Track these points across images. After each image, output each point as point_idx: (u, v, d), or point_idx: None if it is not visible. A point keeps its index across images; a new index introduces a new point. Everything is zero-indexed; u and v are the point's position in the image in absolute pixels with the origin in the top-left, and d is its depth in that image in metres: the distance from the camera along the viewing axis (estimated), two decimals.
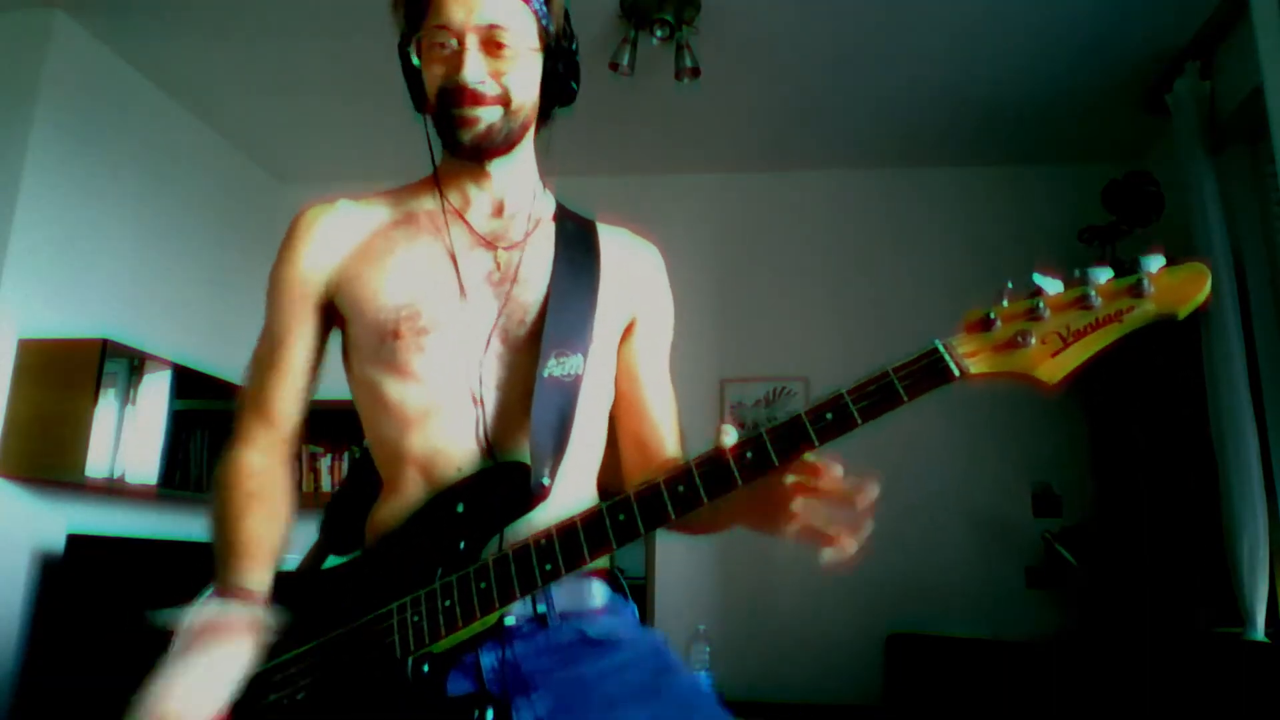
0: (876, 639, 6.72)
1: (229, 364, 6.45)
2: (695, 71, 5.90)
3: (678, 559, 7.26)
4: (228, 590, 1.96)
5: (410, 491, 2.13)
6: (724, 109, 6.98)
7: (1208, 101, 5.83)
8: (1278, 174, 4.63)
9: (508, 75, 2.15)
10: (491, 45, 2.12)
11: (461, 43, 2.10)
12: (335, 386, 2.44)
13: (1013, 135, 7.29)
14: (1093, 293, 1.74)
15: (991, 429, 7.23)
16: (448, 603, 1.94)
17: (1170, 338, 5.76)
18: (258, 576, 2.01)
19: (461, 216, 2.30)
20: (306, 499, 6.94)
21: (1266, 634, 5.14)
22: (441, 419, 2.14)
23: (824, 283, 7.72)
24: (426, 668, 1.93)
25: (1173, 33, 5.84)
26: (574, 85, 2.37)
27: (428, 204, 2.34)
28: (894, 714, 6.17)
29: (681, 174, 7.98)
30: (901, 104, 6.89)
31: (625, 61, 5.85)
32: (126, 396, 5.94)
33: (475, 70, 2.10)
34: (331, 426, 6.76)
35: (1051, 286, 1.78)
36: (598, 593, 2.20)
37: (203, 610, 1.90)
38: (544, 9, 2.22)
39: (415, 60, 2.20)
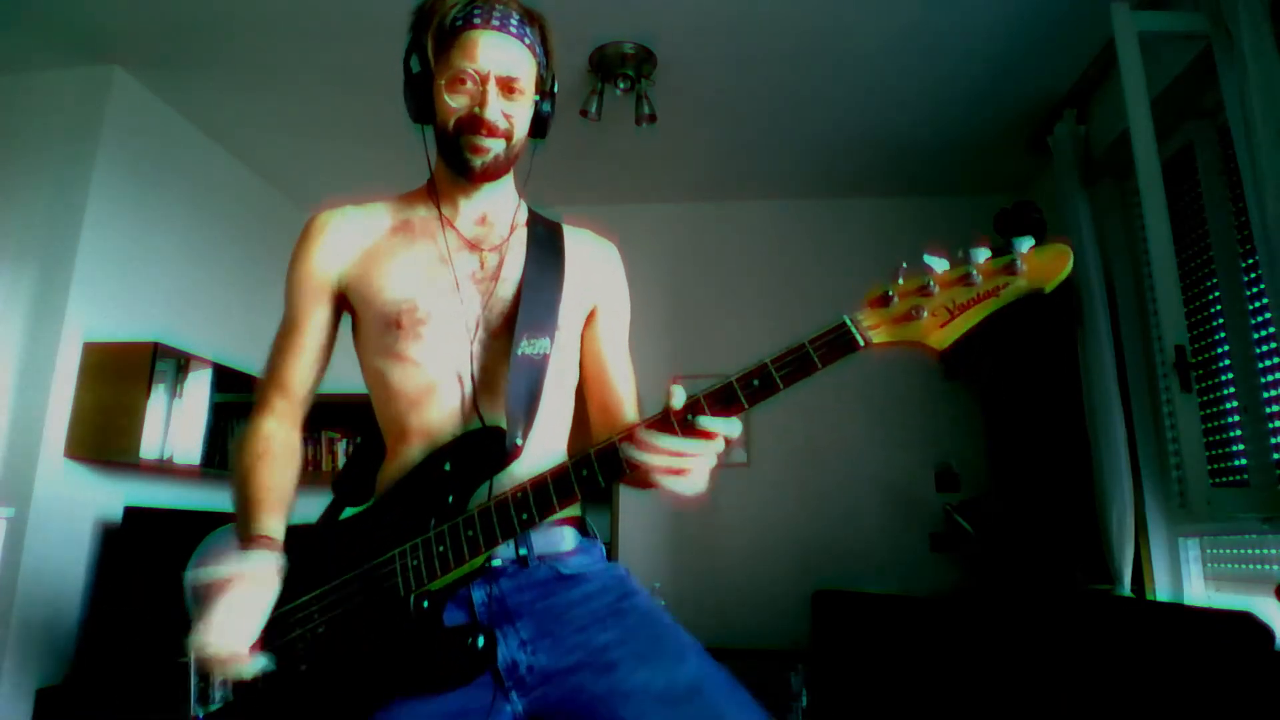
0: (805, 594, 6.57)
1: (260, 363, 6.37)
2: (652, 118, 5.81)
3: (637, 527, 7.12)
4: (248, 539, 1.98)
5: (410, 455, 2.14)
6: (676, 149, 6.88)
7: (1083, 143, 5.75)
8: (1141, 204, 4.61)
9: (515, 115, 2.18)
10: (507, 89, 2.13)
11: (485, 83, 2.11)
12: (350, 382, 2.48)
13: (919, 171, 7.20)
14: (974, 271, 1.73)
15: (902, 417, 7.14)
16: (441, 548, 1.96)
17: (1052, 341, 5.75)
18: (271, 523, 2.03)
19: (451, 224, 2.29)
20: (324, 477, 6.97)
21: (1131, 590, 5.11)
22: (437, 395, 2.14)
23: (760, 295, 7.60)
24: (426, 604, 1.96)
25: (1053, 85, 5.78)
26: (550, 122, 2.36)
27: (421, 212, 2.32)
28: (820, 657, 6.12)
29: (641, 204, 7.88)
30: (826, 145, 6.79)
31: (594, 109, 5.76)
32: (174, 390, 5.84)
33: (495, 108, 2.11)
34: (345, 416, 6.76)
35: (939, 266, 1.76)
36: (569, 538, 2.21)
37: (234, 563, 1.90)
38: (544, 60, 2.26)
39: (415, 68, 2.20)
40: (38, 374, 5.31)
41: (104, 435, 5.44)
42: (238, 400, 6.31)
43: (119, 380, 5.49)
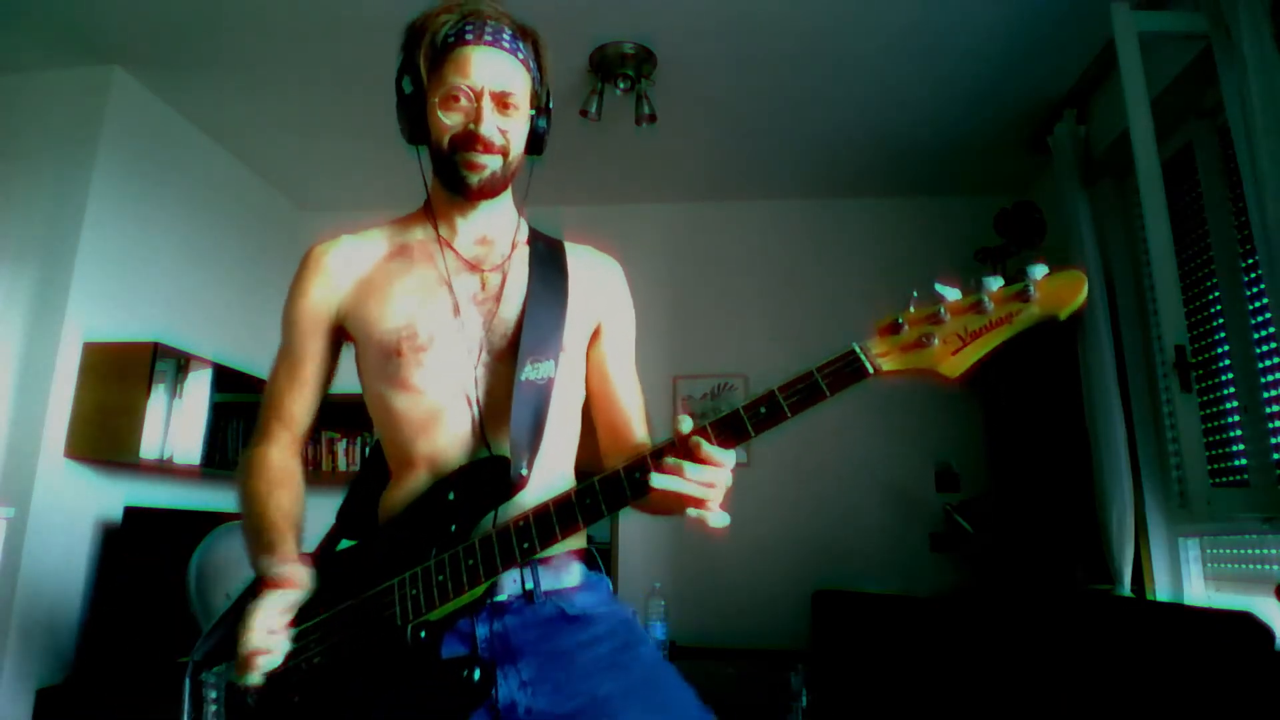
0: (805, 594, 6.58)
1: (260, 364, 6.39)
2: (652, 118, 5.80)
3: (638, 527, 7.12)
4: (276, 558, 1.96)
5: (414, 482, 2.11)
6: (676, 149, 6.88)
7: (1083, 143, 5.75)
8: (1141, 204, 4.62)
9: (510, 131, 2.15)
10: (502, 104, 2.11)
11: (478, 99, 2.08)
12: (349, 382, 2.41)
13: (920, 171, 7.19)
14: (986, 299, 1.71)
15: (901, 417, 7.11)
16: (441, 578, 1.92)
17: (1052, 341, 5.73)
18: (292, 545, 2.02)
19: (450, 245, 2.25)
20: (324, 476, 7.00)
21: (1131, 590, 5.10)
22: (441, 422, 2.11)
23: (760, 295, 7.62)
24: (424, 634, 1.91)
25: (1053, 85, 5.78)
26: (546, 138, 2.32)
27: (418, 234, 2.29)
28: (820, 657, 6.12)
29: (641, 204, 7.88)
30: (826, 145, 6.79)
31: (593, 109, 5.74)
32: (174, 390, 5.86)
33: (490, 123, 2.09)
34: (345, 416, 6.91)
35: (951, 294, 1.75)
36: (576, 572, 2.17)
37: (270, 570, 1.93)
38: (538, 75, 2.22)
39: (407, 88, 2.18)
40: (38, 374, 5.32)
41: (104, 435, 5.44)
42: (238, 400, 6.33)
43: (119, 380, 5.49)
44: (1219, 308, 4.70)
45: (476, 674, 1.88)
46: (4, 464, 5.18)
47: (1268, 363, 4.36)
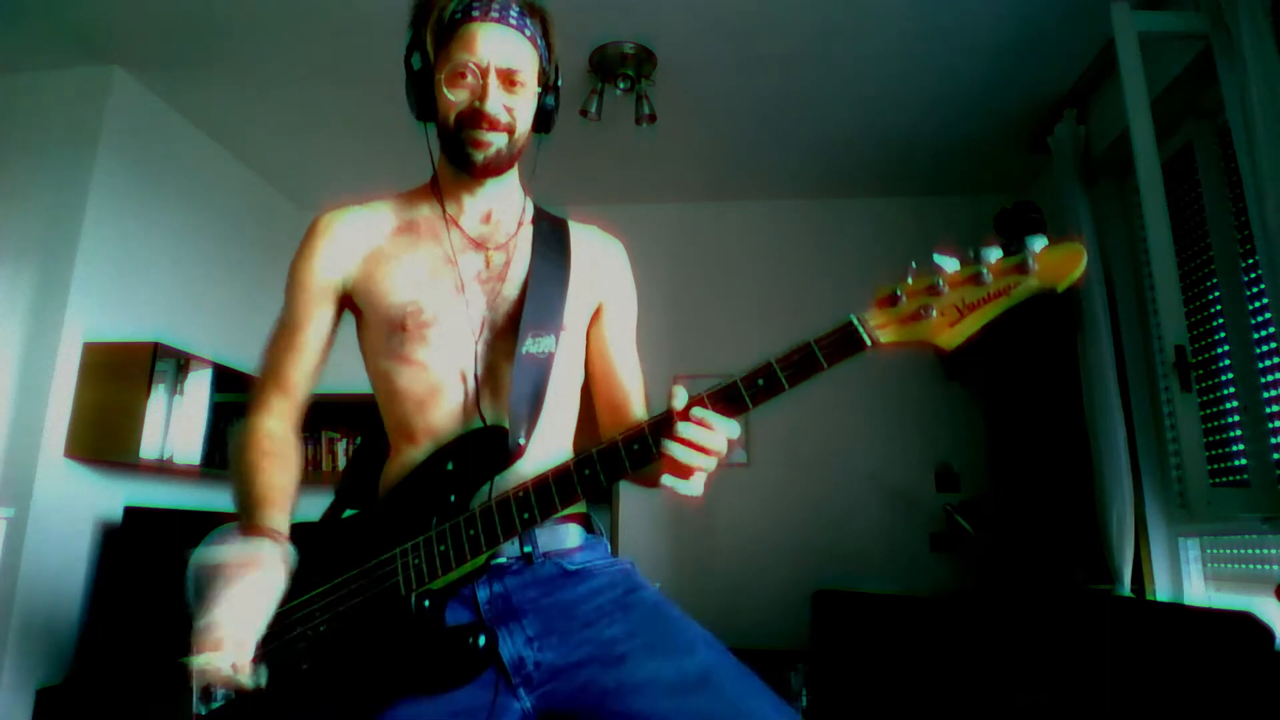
0: (805, 594, 6.57)
1: (259, 362, 6.39)
2: (652, 118, 5.80)
3: (638, 527, 7.13)
4: (254, 530, 1.91)
5: (414, 455, 2.12)
6: (676, 149, 6.88)
7: (1083, 143, 5.74)
8: (1141, 204, 4.61)
9: (517, 108, 2.14)
10: (508, 81, 2.10)
11: (485, 76, 2.07)
12: (350, 382, 2.45)
13: (919, 171, 7.19)
14: (984, 270, 1.71)
15: (901, 417, 7.13)
16: (442, 547, 1.94)
17: (1052, 341, 5.73)
18: (279, 518, 1.97)
19: (456, 223, 2.26)
20: (324, 476, 6.99)
21: (1131, 590, 5.09)
22: (442, 396, 2.12)
23: (760, 295, 7.61)
24: (427, 603, 1.94)
25: (1054, 85, 5.78)
26: (554, 116, 2.31)
27: (425, 210, 2.29)
28: (820, 657, 6.12)
29: (641, 204, 7.87)
30: (825, 145, 6.79)
31: (594, 109, 5.75)
32: (174, 390, 5.85)
33: (496, 101, 2.08)
34: (346, 416, 6.93)
35: (949, 265, 1.74)
36: (574, 535, 2.19)
37: (238, 548, 1.84)
38: (546, 53, 2.21)
39: (416, 64, 2.17)
40: (38, 374, 5.32)
41: (104, 435, 5.43)
42: (238, 400, 6.28)
43: (119, 380, 5.49)
44: (1219, 308, 4.70)
45: (481, 640, 1.90)
46: (4, 464, 5.18)
47: (1268, 363, 4.35)
